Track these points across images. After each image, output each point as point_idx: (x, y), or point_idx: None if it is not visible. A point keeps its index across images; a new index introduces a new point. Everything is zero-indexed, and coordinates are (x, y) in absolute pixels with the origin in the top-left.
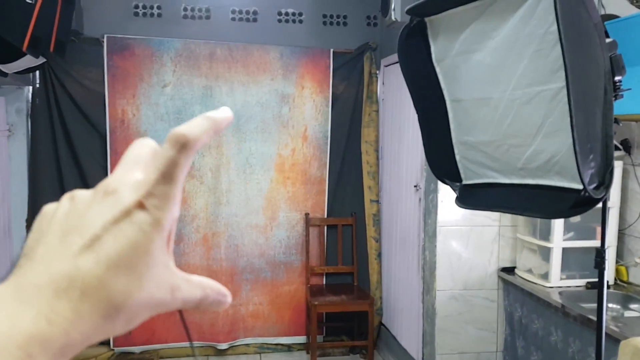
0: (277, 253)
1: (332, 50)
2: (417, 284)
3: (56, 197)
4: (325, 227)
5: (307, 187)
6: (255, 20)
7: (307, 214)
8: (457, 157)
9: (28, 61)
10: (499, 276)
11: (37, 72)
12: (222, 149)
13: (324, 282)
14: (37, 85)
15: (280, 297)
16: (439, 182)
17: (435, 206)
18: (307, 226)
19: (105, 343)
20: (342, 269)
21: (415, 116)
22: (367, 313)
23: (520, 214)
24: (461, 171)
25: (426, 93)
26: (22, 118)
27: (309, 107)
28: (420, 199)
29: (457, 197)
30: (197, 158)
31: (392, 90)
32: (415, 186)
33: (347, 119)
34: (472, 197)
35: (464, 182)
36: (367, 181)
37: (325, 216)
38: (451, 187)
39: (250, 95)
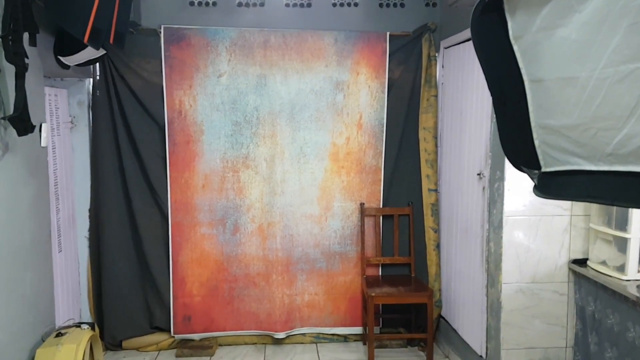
0: (332, 243)
1: (388, 33)
2: (480, 277)
3: (117, 187)
4: (381, 217)
5: (362, 176)
6: (309, 5)
7: (362, 204)
8: (536, 143)
9: (89, 53)
10: (569, 268)
11: (97, 65)
12: (276, 139)
13: (380, 273)
14: (98, 78)
15: (336, 287)
16: (506, 170)
17: (502, 195)
18: (362, 216)
19: (166, 330)
20: (398, 260)
21: (479, 100)
22: (426, 305)
23: (609, 204)
24: (540, 158)
25: (502, 73)
26: (84, 110)
27: (364, 94)
28: (484, 188)
29: (535, 186)
30: (252, 148)
31: (453, 74)
32: (478, 174)
33: (404, 105)
34: (554, 186)
35: (544, 169)
36: (425, 169)
37: (381, 206)
38: (529, 175)
39: (304, 83)
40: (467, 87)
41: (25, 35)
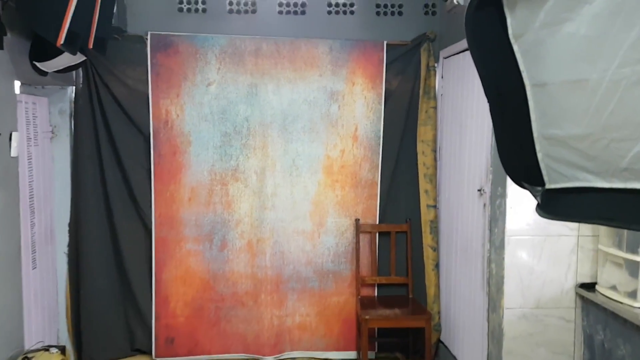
0: (325, 261)
1: (385, 42)
2: (481, 300)
3: (98, 200)
4: (377, 234)
5: (358, 190)
6: (303, 12)
7: (357, 220)
8: (539, 156)
9: (67, 59)
10: (576, 293)
11: (80, 72)
12: (267, 150)
13: (376, 294)
14: (80, 85)
15: (329, 308)
16: (508, 186)
17: (503, 213)
18: (357, 233)
19: (147, 353)
20: (395, 280)
21: (479, 112)
22: (424, 329)
23: (623, 227)
24: (544, 173)
25: (500, 77)
26: (66, 119)
27: (360, 105)
28: (485, 205)
29: (538, 205)
30: (242, 160)
31: (453, 84)
32: (479, 190)
33: (402, 116)
34: (559, 205)
35: (548, 186)
36: (423, 184)
37: (377, 222)
38: (531, 192)
39: (297, 93)
40: (467, 98)
41: None
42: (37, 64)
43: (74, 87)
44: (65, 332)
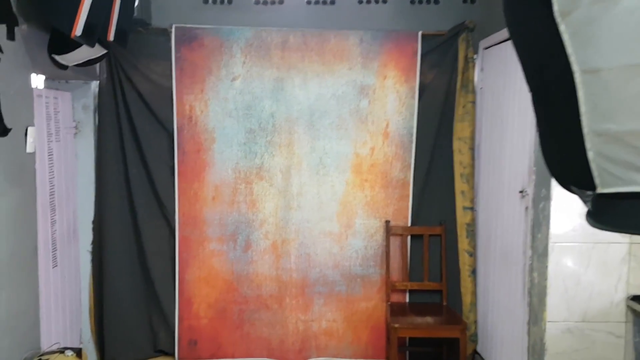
0: (353, 265)
1: (420, 33)
2: (521, 311)
3: (122, 198)
4: (409, 237)
5: (388, 191)
6: (332, 2)
7: (387, 222)
8: (590, 155)
9: (86, 52)
10: (628, 306)
11: (104, 66)
12: (293, 148)
13: (407, 300)
14: (104, 80)
15: (357, 314)
16: (553, 188)
17: (547, 217)
18: (387, 235)
19: (170, 354)
20: (428, 286)
21: (522, 107)
22: (459, 340)
23: None
24: (595, 174)
25: (544, 64)
26: (89, 115)
27: (392, 100)
28: (527, 208)
29: (589, 212)
30: (267, 158)
31: (493, 77)
32: (521, 192)
33: (437, 112)
34: (613, 212)
35: (600, 190)
36: (459, 185)
37: (409, 224)
38: (580, 197)
39: (325, 88)
40: (509, 92)
41: (3, 28)
42: (56, 57)
43: (97, 82)
44: (89, 332)
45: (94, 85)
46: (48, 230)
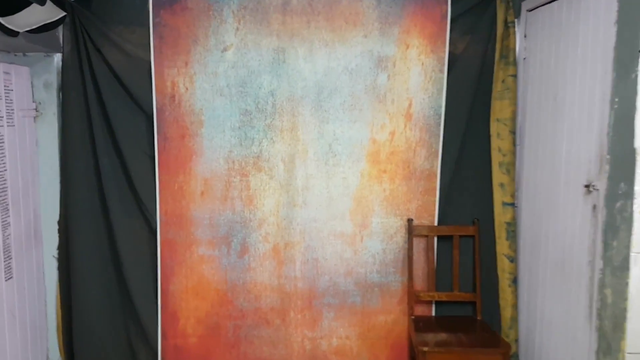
0: (369, 271)
1: None
2: (586, 336)
3: (92, 193)
4: (436, 239)
5: (411, 183)
6: None
7: (410, 220)
8: None
9: (39, 14)
10: None
11: (67, 35)
12: (297, 133)
13: (433, 313)
14: (68, 52)
15: (374, 330)
16: (637, 182)
17: (628, 220)
18: (410, 236)
19: None
20: (458, 297)
21: (585, 79)
22: None
23: None
24: None
25: None
26: (52, 94)
27: (416, 74)
28: (595, 206)
29: None
30: (266, 145)
31: (541, 44)
32: (586, 186)
33: (471, 88)
34: None
35: None
36: (498, 176)
37: (436, 223)
38: None
39: (336, 60)
40: (565, 62)
41: None
42: (1, 20)
43: (61, 55)
44: (57, 351)
45: (57, 58)
46: None
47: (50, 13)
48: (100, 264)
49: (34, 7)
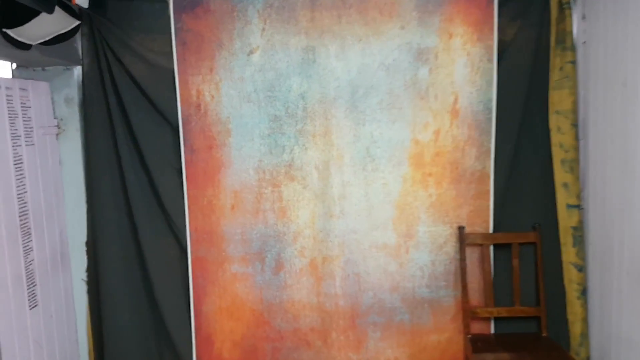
0: (417, 286)
1: None
2: None
3: (119, 212)
4: (491, 248)
5: (461, 187)
6: None
7: (461, 228)
8: None
9: (50, 24)
10: None
11: (86, 46)
12: (331, 138)
13: (493, 331)
14: (87, 64)
15: (426, 350)
16: None
17: None
18: (462, 246)
19: None
20: (521, 312)
21: None
22: None
23: None
24: None
25: None
26: (74, 109)
27: (461, 66)
28: None
29: None
30: (298, 152)
31: (604, 26)
32: None
33: (524, 78)
34: None
35: None
36: (560, 175)
37: (491, 230)
38: None
39: (371, 56)
40: (634, 43)
41: None
42: (9, 32)
43: (81, 68)
44: None
45: (78, 71)
46: (20, 262)
47: (62, 23)
48: (131, 286)
49: (44, 16)
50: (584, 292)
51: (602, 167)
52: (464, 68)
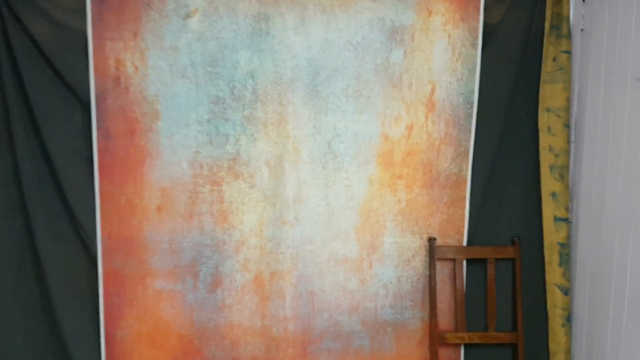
0: (380, 306)
1: None
2: None
3: (11, 210)
4: (465, 263)
5: (434, 192)
6: None
7: (432, 240)
8: None
9: None
10: None
11: None
12: (285, 128)
13: (463, 359)
14: None
15: None
16: None
17: None
18: (432, 260)
19: None
20: (495, 338)
21: None
22: None
23: None
24: None
25: None
26: None
27: (441, 50)
28: None
29: None
30: (245, 143)
31: (608, 10)
32: None
33: (511, 68)
34: None
35: None
36: (548, 182)
37: (465, 243)
38: None
39: (336, 31)
40: None
41: None
42: None
43: None
44: None
45: None
46: None
47: None
48: (25, 304)
49: None
50: (569, 319)
51: (599, 176)
52: (444, 53)
